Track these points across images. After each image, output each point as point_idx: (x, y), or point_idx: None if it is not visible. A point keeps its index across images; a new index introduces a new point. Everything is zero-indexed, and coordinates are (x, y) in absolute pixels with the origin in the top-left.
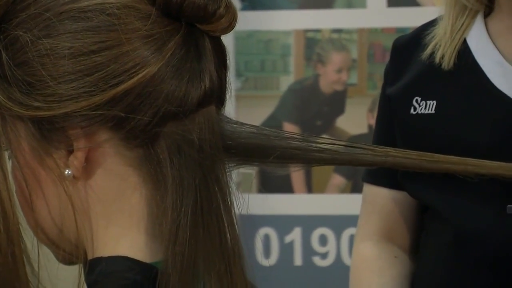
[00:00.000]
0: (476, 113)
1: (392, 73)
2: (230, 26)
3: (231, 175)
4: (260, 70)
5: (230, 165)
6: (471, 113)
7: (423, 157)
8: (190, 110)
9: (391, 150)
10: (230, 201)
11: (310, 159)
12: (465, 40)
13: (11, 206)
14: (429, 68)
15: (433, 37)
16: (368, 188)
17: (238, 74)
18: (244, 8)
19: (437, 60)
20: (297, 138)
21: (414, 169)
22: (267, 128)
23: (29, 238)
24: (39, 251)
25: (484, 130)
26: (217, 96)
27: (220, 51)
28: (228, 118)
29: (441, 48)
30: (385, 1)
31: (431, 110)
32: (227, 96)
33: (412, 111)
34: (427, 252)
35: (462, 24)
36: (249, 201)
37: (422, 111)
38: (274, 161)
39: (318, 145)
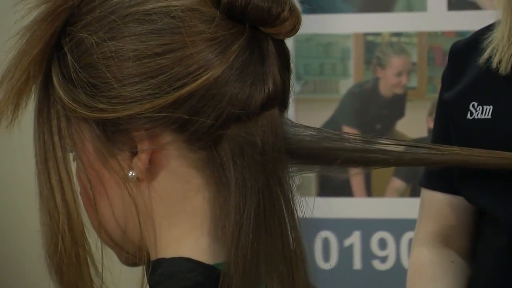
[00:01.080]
0: None
1: (449, 78)
2: (294, 29)
3: (293, 178)
4: (319, 73)
5: (292, 169)
6: None
7: (490, 155)
8: (253, 113)
9: (456, 149)
10: (293, 204)
11: (374, 161)
12: None
13: (75, 207)
14: (486, 73)
15: (490, 41)
16: (425, 192)
17: (298, 78)
18: (304, 12)
19: (494, 65)
20: (359, 139)
21: (479, 166)
22: (330, 130)
23: (93, 239)
24: (103, 252)
25: None
26: (280, 99)
27: (283, 54)
28: (291, 121)
29: (498, 52)
30: (446, 4)
31: (488, 115)
32: (290, 99)
33: (468, 116)
34: (483, 257)
35: None
36: (309, 204)
37: (479, 116)
38: (338, 166)
39: (381, 146)
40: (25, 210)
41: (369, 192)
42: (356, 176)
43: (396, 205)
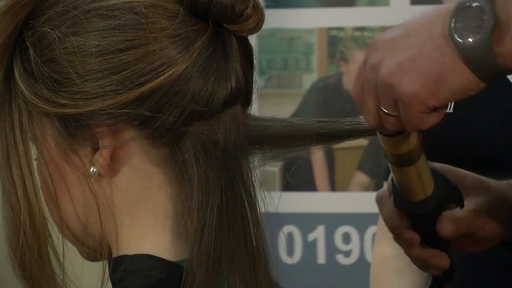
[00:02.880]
0: (493, 111)
1: None
2: (257, 26)
3: (255, 174)
4: (283, 68)
5: (255, 158)
6: (488, 111)
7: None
8: (216, 110)
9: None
10: (255, 200)
11: (334, 133)
12: None
13: (37, 201)
14: None
15: None
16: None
17: (261, 72)
18: (267, 6)
19: None
20: (320, 120)
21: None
22: (292, 119)
23: (55, 233)
24: (65, 247)
25: (502, 127)
26: (243, 96)
27: (246, 51)
28: (254, 116)
29: None
30: None
31: (449, 109)
32: (254, 96)
33: None
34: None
35: None
36: (273, 199)
37: None
38: (303, 143)
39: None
40: None
41: (333, 187)
42: (319, 170)
43: (360, 199)
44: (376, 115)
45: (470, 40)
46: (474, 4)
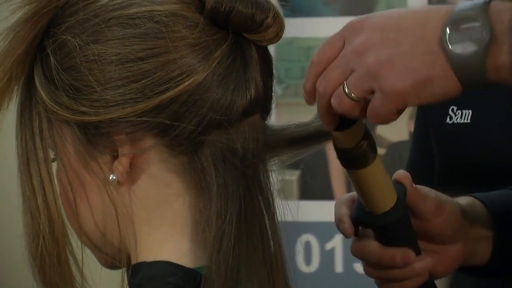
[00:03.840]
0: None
1: None
2: (277, 36)
3: (273, 183)
4: (300, 77)
5: (275, 167)
6: (507, 122)
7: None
8: (235, 119)
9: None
10: (273, 209)
11: None
12: None
13: (56, 208)
14: None
15: None
16: None
17: (279, 81)
18: (285, 15)
19: None
20: None
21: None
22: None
23: (74, 240)
24: (84, 253)
25: None
26: (262, 105)
27: (266, 61)
28: (272, 126)
29: None
30: (426, 5)
31: (467, 119)
32: (272, 105)
33: (448, 120)
34: None
35: None
36: (290, 208)
37: (458, 121)
38: (318, 140)
39: None
40: (8, 211)
41: None
42: (337, 180)
43: None
44: (331, 89)
45: (464, 53)
46: (470, 15)
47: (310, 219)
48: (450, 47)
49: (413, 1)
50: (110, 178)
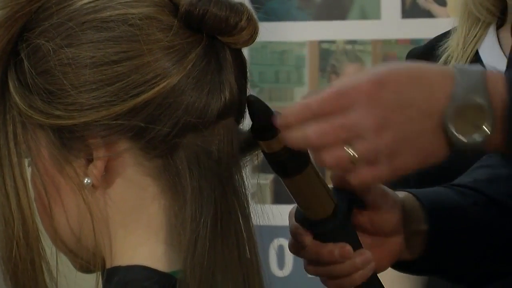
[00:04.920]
0: None
1: None
2: (251, 39)
3: (248, 186)
4: (274, 81)
5: (249, 171)
6: None
7: None
8: (209, 122)
9: None
10: (248, 212)
11: None
12: (477, 52)
13: (30, 213)
14: None
15: (445, 48)
16: None
17: (253, 85)
18: (259, 19)
19: None
20: None
21: None
22: None
23: (48, 246)
24: (58, 259)
25: None
26: (237, 108)
27: (240, 63)
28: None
29: (453, 59)
30: (400, 12)
31: None
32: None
33: None
34: None
35: (475, 36)
36: (264, 212)
37: None
38: None
39: None
40: None
41: None
42: None
43: None
44: (331, 146)
45: (468, 142)
46: (474, 103)
47: (284, 223)
48: (454, 136)
49: (387, 6)
50: (85, 181)
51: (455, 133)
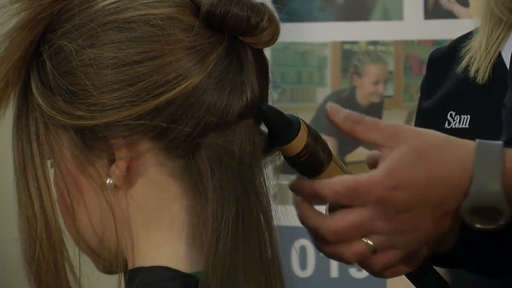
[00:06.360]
0: None
1: (428, 87)
2: (272, 39)
3: (269, 187)
4: (296, 82)
5: (271, 171)
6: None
7: None
8: (231, 122)
9: None
10: (270, 212)
11: None
12: (500, 54)
13: (53, 214)
14: (463, 82)
15: (468, 50)
16: None
17: (275, 86)
18: (281, 20)
19: (471, 73)
20: None
21: None
22: None
23: (71, 246)
24: (80, 260)
25: None
26: (258, 108)
27: (262, 64)
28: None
29: (476, 61)
30: (422, 13)
31: (465, 124)
32: None
33: (446, 125)
34: None
35: (498, 37)
36: (286, 213)
37: (456, 126)
38: None
39: None
40: (3, 217)
41: None
42: None
43: None
44: (352, 236)
45: (482, 226)
46: (490, 205)
47: None
48: (470, 223)
49: (409, 7)
50: (108, 182)
51: (470, 222)
